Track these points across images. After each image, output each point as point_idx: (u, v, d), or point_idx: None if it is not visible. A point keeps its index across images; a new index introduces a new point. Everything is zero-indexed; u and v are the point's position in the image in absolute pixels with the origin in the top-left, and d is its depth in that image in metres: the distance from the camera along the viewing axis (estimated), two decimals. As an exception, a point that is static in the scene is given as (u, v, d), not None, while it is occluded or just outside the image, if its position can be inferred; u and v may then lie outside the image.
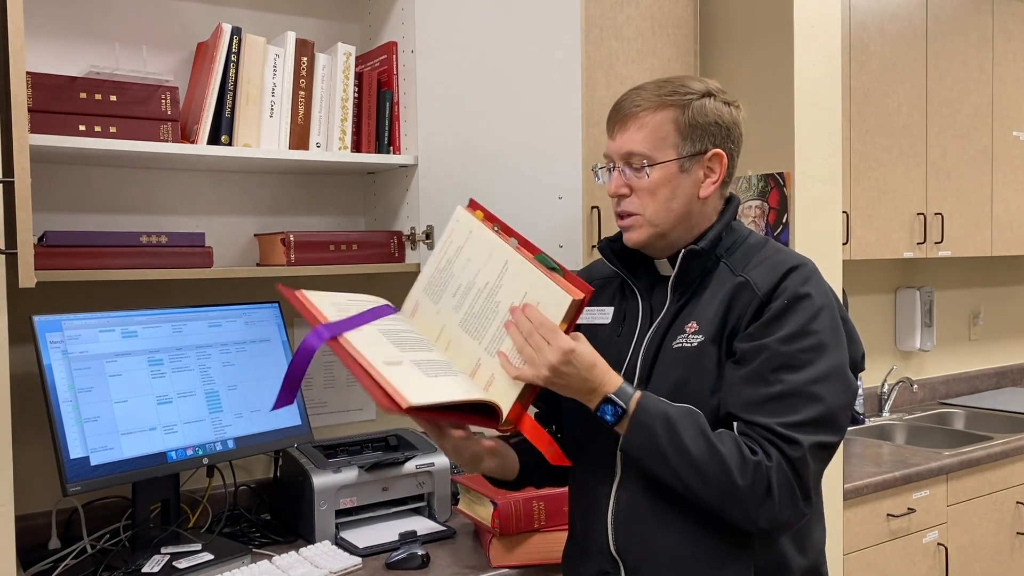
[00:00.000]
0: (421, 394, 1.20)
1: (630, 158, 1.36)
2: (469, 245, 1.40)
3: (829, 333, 1.29)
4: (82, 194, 1.90)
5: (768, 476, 1.22)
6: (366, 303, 1.44)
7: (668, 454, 1.24)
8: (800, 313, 1.28)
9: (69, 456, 1.57)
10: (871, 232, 2.92)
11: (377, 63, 2.10)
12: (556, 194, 1.81)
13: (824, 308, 1.30)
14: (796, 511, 1.25)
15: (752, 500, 1.23)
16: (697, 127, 1.35)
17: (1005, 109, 3.35)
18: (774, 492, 1.23)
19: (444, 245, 1.44)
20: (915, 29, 3.03)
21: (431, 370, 1.29)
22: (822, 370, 1.27)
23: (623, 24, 2.32)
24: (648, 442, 1.26)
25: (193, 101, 1.84)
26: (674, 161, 1.35)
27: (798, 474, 1.24)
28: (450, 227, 1.44)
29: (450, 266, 1.41)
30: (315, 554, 1.71)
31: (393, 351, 1.30)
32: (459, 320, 1.37)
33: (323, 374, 2.21)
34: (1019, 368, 4.06)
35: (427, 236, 2.00)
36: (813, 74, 2.31)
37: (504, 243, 1.35)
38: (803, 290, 1.30)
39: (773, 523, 1.24)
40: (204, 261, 1.80)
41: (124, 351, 1.70)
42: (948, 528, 2.68)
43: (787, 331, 1.27)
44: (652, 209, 1.36)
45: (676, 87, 1.36)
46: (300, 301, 1.39)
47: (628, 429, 1.27)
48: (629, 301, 1.46)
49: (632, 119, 1.36)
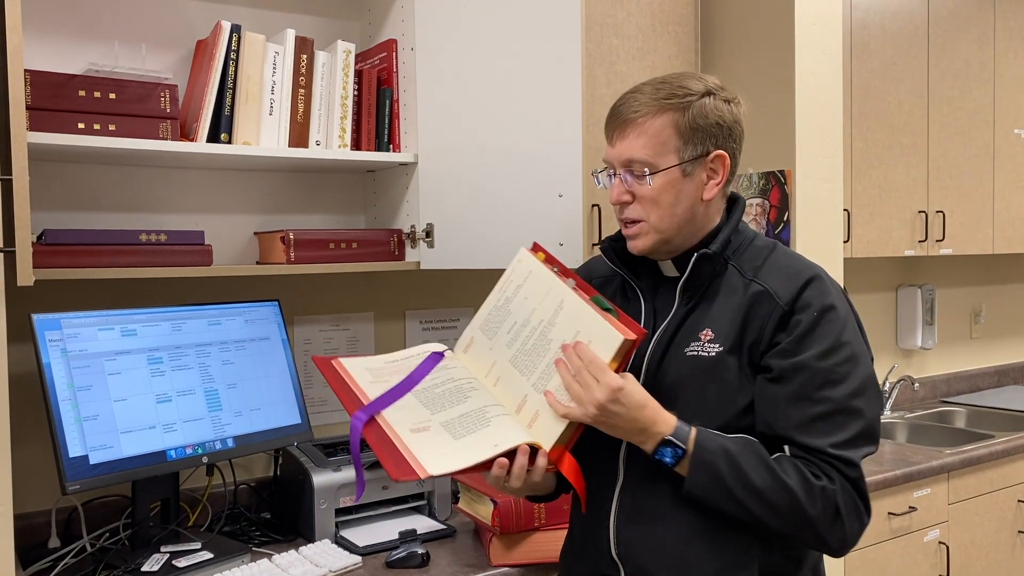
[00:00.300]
0: (441, 464, 1.23)
1: (631, 165, 1.34)
2: (528, 284, 1.40)
3: (858, 343, 1.31)
4: (81, 192, 1.89)
5: (835, 500, 1.24)
6: (412, 359, 1.45)
7: (735, 490, 1.24)
8: (830, 326, 1.28)
9: (68, 455, 1.57)
10: (872, 230, 2.92)
11: (377, 61, 2.09)
12: (556, 192, 1.80)
13: (849, 318, 1.32)
14: (862, 525, 1.28)
15: (823, 525, 1.24)
16: (698, 130, 1.32)
17: (1006, 107, 3.34)
18: (843, 514, 1.25)
19: (504, 284, 1.45)
20: (916, 27, 3.02)
21: (461, 428, 1.29)
22: (859, 382, 1.28)
23: (623, 21, 2.32)
24: (713, 481, 1.25)
25: (192, 99, 1.84)
26: (676, 167, 1.32)
27: (860, 492, 1.27)
28: (511, 266, 1.45)
29: (508, 304, 1.42)
30: (315, 553, 1.71)
31: (423, 415, 1.32)
32: (510, 356, 1.37)
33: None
34: (1020, 366, 4.05)
35: (427, 234, 1.99)
36: (814, 72, 2.31)
37: (561, 283, 1.35)
38: (828, 301, 1.30)
39: (843, 543, 1.27)
40: (203, 259, 1.80)
41: (123, 349, 1.69)
42: (949, 527, 2.68)
43: (823, 347, 1.27)
44: (656, 216, 1.34)
45: (675, 89, 1.33)
46: (337, 373, 1.40)
47: (690, 471, 1.26)
48: (631, 302, 1.44)
49: (631, 125, 1.33)
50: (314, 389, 2.19)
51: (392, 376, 1.41)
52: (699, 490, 1.26)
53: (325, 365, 1.43)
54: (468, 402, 1.34)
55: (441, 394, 1.37)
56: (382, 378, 1.40)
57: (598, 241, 2.21)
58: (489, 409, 1.33)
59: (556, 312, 1.34)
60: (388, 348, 2.30)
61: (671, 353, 1.35)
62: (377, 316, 2.29)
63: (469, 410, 1.32)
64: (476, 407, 1.33)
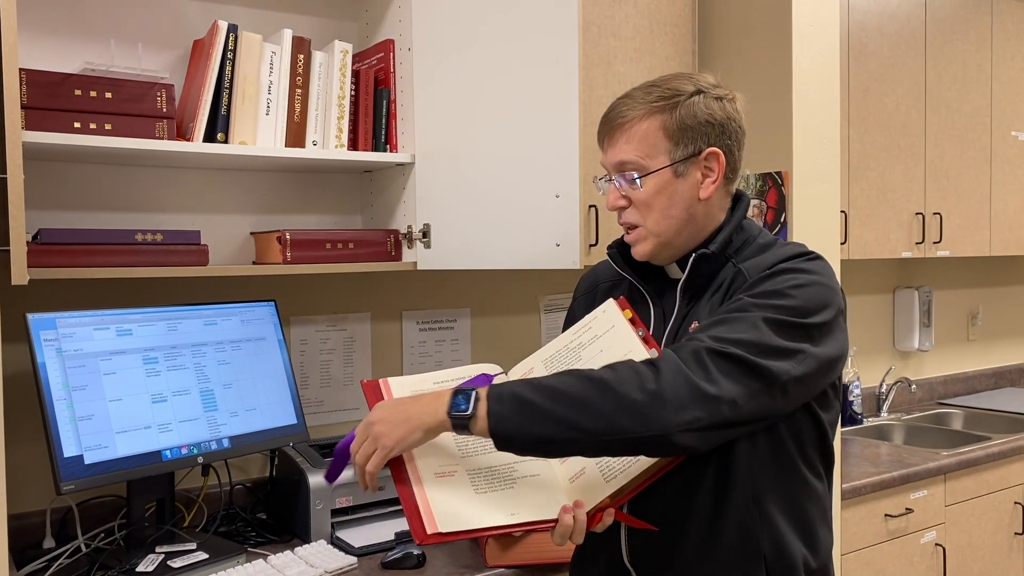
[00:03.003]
0: (452, 521, 1.20)
1: (623, 169, 1.34)
2: (607, 338, 1.38)
3: (817, 288, 1.23)
4: (77, 192, 1.89)
5: (659, 365, 1.14)
6: (462, 381, 1.42)
7: (539, 403, 1.14)
8: (786, 275, 1.24)
9: (63, 455, 1.56)
10: (869, 232, 2.92)
11: (374, 61, 2.09)
12: (553, 192, 1.80)
13: (817, 281, 1.24)
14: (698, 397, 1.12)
15: (641, 399, 1.12)
16: (687, 129, 1.31)
17: (1004, 109, 3.35)
18: (663, 371, 1.13)
19: (582, 328, 1.42)
20: (914, 29, 3.02)
21: (485, 483, 1.27)
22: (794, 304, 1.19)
23: (621, 23, 2.32)
24: (513, 403, 1.15)
25: (189, 98, 1.84)
26: (667, 168, 1.32)
27: (699, 362, 1.14)
28: (594, 314, 1.42)
29: (580, 350, 1.40)
30: (311, 553, 1.71)
31: (452, 456, 1.29)
32: None
33: (319, 373, 2.20)
34: (1017, 368, 4.06)
35: (424, 235, 1.99)
36: (812, 73, 2.31)
37: (644, 350, 1.32)
38: (797, 264, 1.27)
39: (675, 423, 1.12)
40: (199, 259, 1.79)
41: (119, 349, 1.69)
42: (946, 528, 2.68)
43: (764, 288, 1.23)
44: (652, 219, 1.34)
45: (663, 91, 1.32)
46: (379, 396, 1.38)
47: (489, 406, 1.16)
48: (640, 306, 1.43)
49: (619, 130, 1.34)
50: (310, 390, 2.18)
51: None
52: (505, 423, 1.15)
53: (371, 389, 1.40)
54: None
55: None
56: None
57: (595, 242, 2.21)
58: (519, 466, 1.30)
59: None
60: (385, 349, 2.31)
61: None
62: (374, 317, 2.29)
63: (498, 463, 1.30)
64: (507, 460, 1.30)
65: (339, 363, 2.23)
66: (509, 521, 1.23)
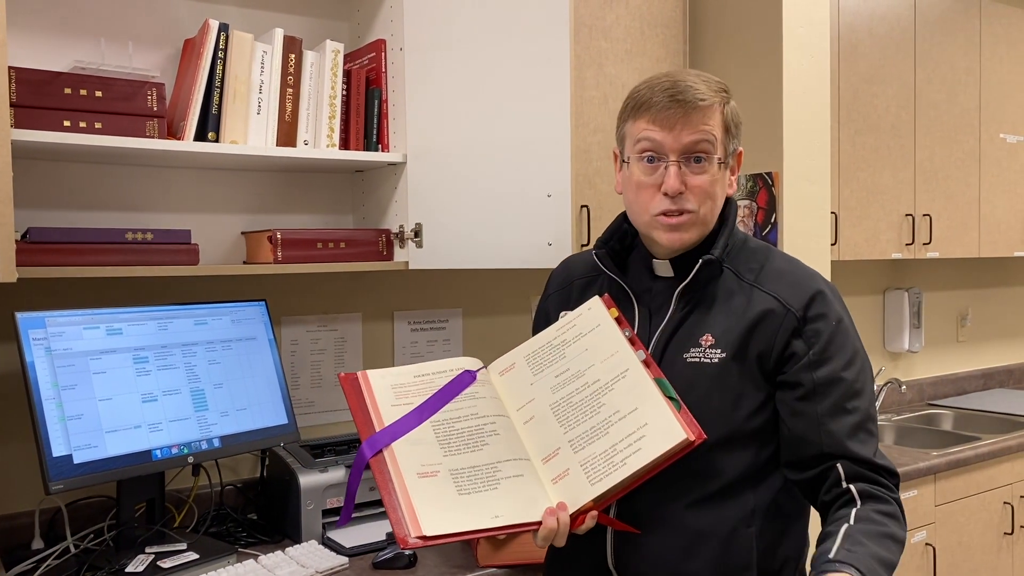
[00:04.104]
0: (437, 523, 1.21)
1: (695, 151, 1.29)
2: (592, 336, 1.37)
3: (863, 350, 1.34)
4: (66, 190, 1.88)
5: (902, 512, 1.30)
6: (443, 375, 1.41)
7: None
8: (845, 335, 1.31)
9: (52, 454, 1.56)
10: (859, 233, 2.93)
11: (366, 61, 2.09)
12: (545, 192, 1.81)
13: (852, 323, 1.34)
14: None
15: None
16: (734, 126, 1.34)
17: (992, 111, 3.37)
18: (903, 521, 1.29)
19: (565, 325, 1.41)
20: (903, 31, 3.04)
21: (468, 483, 1.27)
22: (870, 389, 1.33)
23: (612, 24, 2.32)
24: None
25: (180, 98, 1.83)
26: (725, 159, 1.33)
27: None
28: (579, 311, 1.41)
29: (564, 347, 1.39)
30: (301, 554, 1.70)
31: (434, 456, 1.29)
32: (552, 402, 1.35)
33: (310, 373, 2.20)
34: (1006, 369, 4.08)
35: (415, 234, 1.99)
36: (802, 75, 2.32)
37: (631, 351, 1.32)
38: (838, 309, 1.32)
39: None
40: (190, 258, 1.79)
41: (109, 348, 1.68)
42: (936, 528, 2.69)
43: (846, 357, 1.29)
44: (707, 207, 1.32)
45: (719, 82, 1.34)
46: (358, 390, 1.37)
47: None
48: (622, 304, 1.40)
49: (696, 112, 1.28)
50: (301, 390, 2.18)
51: (416, 396, 1.37)
52: None
53: (350, 383, 1.39)
54: (484, 451, 1.31)
55: (459, 432, 1.33)
56: (405, 398, 1.37)
57: (587, 242, 2.21)
58: (502, 466, 1.30)
59: (616, 379, 1.31)
60: (376, 349, 2.30)
61: (668, 359, 1.33)
62: (365, 317, 2.29)
63: (481, 463, 1.30)
64: (490, 460, 1.30)
65: (330, 363, 2.23)
66: (493, 524, 1.23)
